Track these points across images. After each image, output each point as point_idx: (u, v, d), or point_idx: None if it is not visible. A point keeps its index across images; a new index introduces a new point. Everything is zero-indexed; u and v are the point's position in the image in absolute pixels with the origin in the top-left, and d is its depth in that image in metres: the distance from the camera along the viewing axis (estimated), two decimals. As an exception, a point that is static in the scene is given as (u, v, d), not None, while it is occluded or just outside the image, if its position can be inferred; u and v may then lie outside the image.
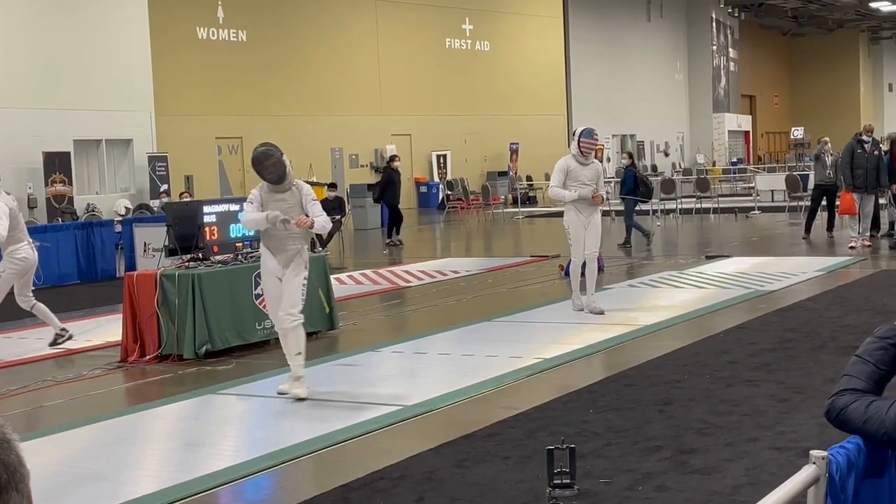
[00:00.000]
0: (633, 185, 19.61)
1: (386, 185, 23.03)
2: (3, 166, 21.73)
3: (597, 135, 11.44)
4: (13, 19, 22.58)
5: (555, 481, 3.80)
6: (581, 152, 11.20)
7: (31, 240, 10.42)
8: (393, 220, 22.70)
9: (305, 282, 8.15)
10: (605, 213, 17.77)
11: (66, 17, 23.55)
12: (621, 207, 20.51)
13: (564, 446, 2.80)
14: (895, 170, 17.68)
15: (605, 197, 11.44)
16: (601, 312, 11.35)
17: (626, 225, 19.62)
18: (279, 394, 8.02)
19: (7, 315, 11.52)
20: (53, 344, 10.62)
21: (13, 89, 22.16)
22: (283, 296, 8.04)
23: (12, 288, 10.39)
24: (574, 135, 11.36)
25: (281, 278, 8.10)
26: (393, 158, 23.99)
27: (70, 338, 10.72)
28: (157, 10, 26.13)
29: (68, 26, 23.55)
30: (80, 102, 23.51)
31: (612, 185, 26.37)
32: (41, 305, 10.54)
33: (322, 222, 8.19)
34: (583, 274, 11.56)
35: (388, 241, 22.34)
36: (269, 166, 8.07)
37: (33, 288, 10.67)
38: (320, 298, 10.81)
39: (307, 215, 8.14)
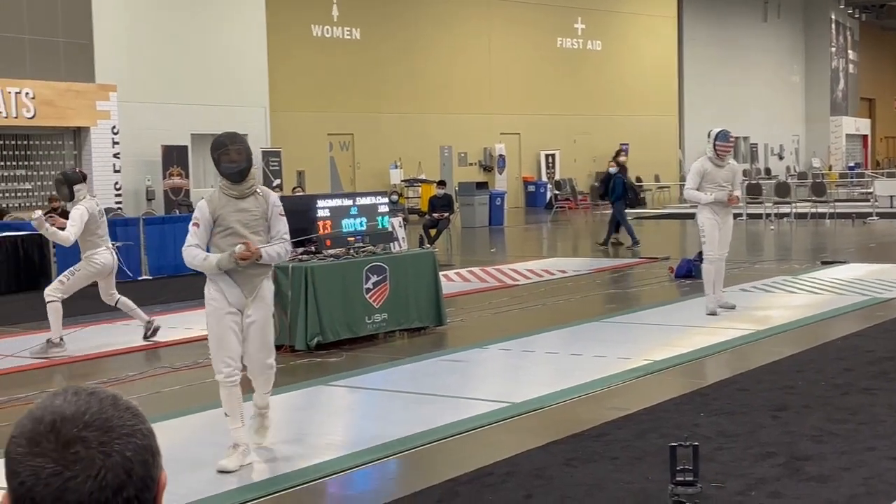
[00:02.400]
0: (623, 190, 20.67)
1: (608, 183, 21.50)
2: (124, 159, 22.41)
3: (732, 137, 11.48)
4: (136, 18, 23.21)
5: (677, 478, 3.76)
6: (717, 154, 11.21)
7: (111, 245, 10.40)
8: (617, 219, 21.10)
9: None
10: (737, 215, 17.47)
11: (187, 16, 24.14)
12: (752, 210, 20.51)
13: (688, 444, 2.77)
14: None
15: (739, 198, 11.51)
16: (733, 307, 11.50)
17: (620, 225, 20.65)
18: (219, 471, 6.12)
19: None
20: (146, 337, 10.63)
21: (135, 85, 22.78)
22: (251, 340, 6.32)
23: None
24: (709, 137, 11.35)
25: (242, 311, 6.30)
26: (618, 154, 22.81)
27: (157, 328, 10.66)
28: (274, 9, 26.60)
29: (188, 24, 24.13)
30: (198, 98, 24.07)
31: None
32: (125, 299, 10.52)
33: (280, 250, 6.39)
34: None
35: (613, 239, 20.87)
36: (234, 151, 6.26)
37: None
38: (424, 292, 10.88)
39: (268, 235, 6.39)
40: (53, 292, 10.06)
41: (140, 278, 15.60)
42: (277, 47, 26.98)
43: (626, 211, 21.14)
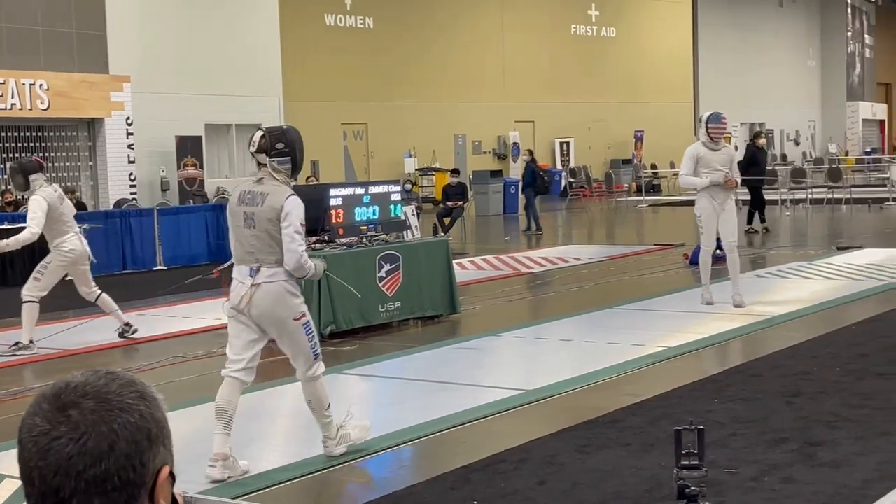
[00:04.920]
0: (532, 178, 22.18)
1: (749, 166, 19.64)
2: (138, 149, 22.45)
3: (725, 118, 11.01)
4: (149, 8, 23.23)
5: (682, 462, 3.75)
6: (711, 138, 10.86)
7: (78, 230, 9.92)
8: (755, 204, 19.87)
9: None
10: (743, 201, 16.96)
11: (200, 5, 24.14)
12: (768, 196, 20.68)
13: (693, 427, 2.76)
14: None
15: (738, 182, 11.05)
16: (741, 305, 10.88)
17: (528, 214, 22.02)
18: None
19: (141, 293, 11.90)
20: (122, 336, 10.27)
21: (149, 76, 22.80)
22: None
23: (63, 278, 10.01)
24: (701, 121, 11.12)
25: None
26: (758, 135, 21.46)
27: (135, 332, 10.22)
28: (287, -2, 26.60)
29: (201, 14, 24.13)
30: (212, 88, 24.08)
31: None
32: (105, 297, 10.13)
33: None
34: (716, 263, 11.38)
35: (748, 227, 19.32)
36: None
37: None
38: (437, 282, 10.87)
39: None
40: (31, 291, 9.67)
41: (155, 269, 15.69)
42: (291, 37, 26.97)
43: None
